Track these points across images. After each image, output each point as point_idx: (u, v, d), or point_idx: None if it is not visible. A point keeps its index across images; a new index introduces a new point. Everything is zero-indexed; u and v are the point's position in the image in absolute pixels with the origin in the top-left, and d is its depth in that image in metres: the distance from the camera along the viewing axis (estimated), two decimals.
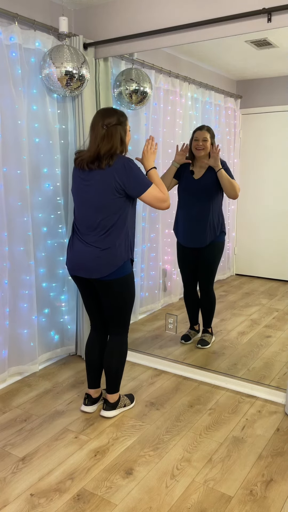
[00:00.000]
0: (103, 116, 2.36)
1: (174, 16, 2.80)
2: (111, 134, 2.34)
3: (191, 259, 3.38)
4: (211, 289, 3.37)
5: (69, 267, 2.51)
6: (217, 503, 2.00)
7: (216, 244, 3.27)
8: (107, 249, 2.39)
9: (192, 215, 3.26)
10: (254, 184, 3.62)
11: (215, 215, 3.22)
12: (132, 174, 2.33)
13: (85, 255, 2.42)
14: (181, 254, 3.41)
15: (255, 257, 3.78)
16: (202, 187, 3.17)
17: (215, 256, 3.30)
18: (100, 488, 2.09)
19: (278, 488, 2.09)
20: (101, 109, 2.42)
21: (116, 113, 2.38)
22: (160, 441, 2.43)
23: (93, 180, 2.35)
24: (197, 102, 3.53)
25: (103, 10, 3.09)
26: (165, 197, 2.41)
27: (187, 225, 3.31)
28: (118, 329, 2.60)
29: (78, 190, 2.43)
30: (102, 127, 2.34)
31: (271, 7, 2.45)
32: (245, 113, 3.52)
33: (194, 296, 3.47)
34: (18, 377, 3.12)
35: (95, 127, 2.37)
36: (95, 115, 2.40)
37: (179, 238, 3.38)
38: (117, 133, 2.36)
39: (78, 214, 2.45)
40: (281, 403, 2.78)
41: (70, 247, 2.51)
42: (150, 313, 3.93)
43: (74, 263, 2.47)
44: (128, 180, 2.33)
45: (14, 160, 2.83)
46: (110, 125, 2.34)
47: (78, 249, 2.45)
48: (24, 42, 2.82)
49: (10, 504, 2.00)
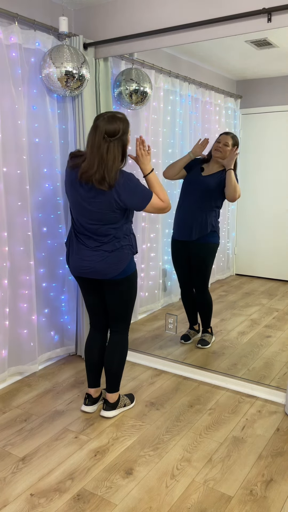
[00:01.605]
0: (106, 123, 2.24)
1: (174, 16, 2.80)
2: (114, 149, 2.25)
3: (181, 256, 3.39)
4: (206, 291, 3.37)
5: (75, 270, 2.49)
6: (217, 503, 2.00)
7: (206, 244, 3.27)
8: (114, 251, 2.40)
9: (188, 208, 3.28)
10: (254, 184, 3.62)
11: (209, 214, 3.23)
12: (133, 191, 2.30)
13: (93, 258, 2.41)
14: (173, 249, 3.43)
15: (255, 257, 3.78)
16: (206, 185, 3.18)
17: (206, 257, 3.30)
18: (100, 488, 2.09)
19: (278, 488, 2.09)
20: (105, 115, 2.27)
21: (120, 121, 2.26)
22: (160, 441, 2.43)
23: (98, 198, 2.31)
24: (197, 102, 3.53)
25: (103, 10, 3.09)
26: (165, 205, 2.40)
27: (181, 217, 3.34)
28: (120, 327, 2.60)
29: (76, 199, 2.37)
30: (105, 139, 2.23)
31: (271, 7, 2.45)
32: (245, 113, 3.52)
33: (190, 297, 3.48)
34: (18, 377, 3.12)
35: (96, 135, 2.25)
36: (98, 120, 2.27)
37: (173, 230, 3.41)
38: (120, 147, 2.27)
39: (79, 221, 2.42)
40: (281, 403, 2.78)
41: (73, 252, 2.48)
42: (150, 313, 3.93)
43: (81, 267, 2.45)
44: (130, 199, 2.31)
45: (14, 160, 2.83)
46: (114, 138, 2.24)
47: (84, 254, 2.43)
48: (24, 42, 2.82)
49: (10, 504, 2.00)
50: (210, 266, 3.34)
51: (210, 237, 3.27)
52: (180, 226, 3.35)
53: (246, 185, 3.63)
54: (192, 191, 3.27)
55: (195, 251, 3.31)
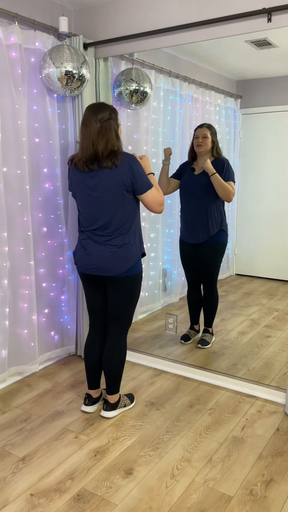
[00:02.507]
0: (95, 112, 2.32)
1: (174, 16, 2.80)
2: (106, 130, 2.31)
3: (190, 256, 3.39)
4: (214, 289, 3.38)
5: (82, 266, 2.49)
6: (217, 503, 2.00)
7: (214, 244, 3.28)
8: (123, 246, 2.41)
9: (191, 210, 3.29)
10: (254, 184, 3.62)
11: (212, 211, 3.23)
12: (138, 172, 2.34)
13: (102, 253, 2.41)
14: (181, 250, 3.44)
15: (255, 257, 3.78)
16: (202, 182, 3.19)
17: (214, 256, 3.30)
18: (100, 488, 2.09)
19: (278, 488, 2.09)
20: (92, 105, 2.37)
21: (107, 108, 2.35)
22: (160, 441, 2.43)
23: (100, 180, 2.34)
24: (197, 102, 3.53)
25: (103, 10, 3.09)
26: (163, 201, 2.45)
27: (187, 219, 3.35)
28: (120, 329, 2.59)
29: (82, 192, 2.40)
30: (96, 122, 2.30)
31: (271, 7, 2.45)
32: (245, 113, 3.52)
33: (197, 296, 3.48)
34: (18, 377, 3.12)
35: (87, 123, 2.32)
36: (87, 111, 2.35)
37: (181, 233, 3.42)
38: (112, 128, 2.33)
39: (87, 215, 2.43)
40: (281, 403, 2.78)
41: (82, 247, 2.48)
42: (150, 313, 3.93)
43: (89, 263, 2.45)
44: (135, 178, 2.34)
45: (14, 160, 2.83)
46: (104, 120, 2.31)
47: (93, 249, 2.43)
48: (24, 42, 2.82)
49: (10, 504, 2.00)
50: (219, 265, 3.35)
51: (218, 237, 3.28)
52: (187, 228, 3.36)
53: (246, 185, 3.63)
54: (190, 193, 3.27)
55: (203, 252, 3.32)
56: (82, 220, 2.47)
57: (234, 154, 3.61)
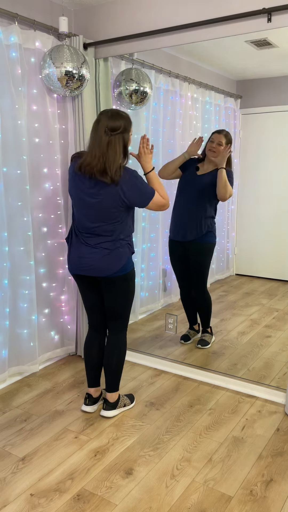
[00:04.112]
0: (109, 119, 2.27)
1: (174, 16, 2.80)
2: (115, 144, 2.27)
3: (178, 256, 3.39)
4: (205, 290, 3.37)
5: (74, 268, 2.49)
6: (217, 503, 2.00)
7: (203, 244, 3.27)
8: (114, 249, 2.41)
9: (184, 208, 3.28)
10: (254, 184, 3.62)
11: (204, 214, 3.23)
12: (137, 189, 2.33)
13: (93, 256, 2.42)
14: (171, 249, 3.43)
15: (255, 257, 3.78)
16: (201, 184, 3.18)
17: (202, 256, 3.30)
18: (100, 488, 2.09)
19: (278, 488, 2.09)
20: (108, 111, 2.31)
21: (123, 119, 2.30)
22: (160, 441, 2.43)
23: (101, 192, 2.32)
24: (197, 102, 3.53)
25: (103, 10, 3.08)
26: (165, 202, 2.44)
27: (177, 216, 3.34)
28: (118, 327, 2.60)
29: (81, 196, 2.39)
30: (106, 132, 2.26)
31: (271, 7, 2.45)
32: (245, 113, 3.52)
33: (190, 297, 3.47)
34: (18, 377, 3.12)
35: (98, 129, 2.28)
36: (102, 115, 2.30)
37: (170, 230, 3.41)
38: (121, 142, 2.30)
39: (80, 218, 2.43)
40: (281, 403, 2.78)
41: (73, 249, 2.49)
42: (150, 313, 3.93)
43: (81, 265, 2.45)
44: (134, 196, 2.33)
45: (14, 160, 2.83)
46: (115, 133, 2.27)
47: (84, 251, 2.44)
48: (24, 42, 2.82)
49: (10, 504, 2.00)
50: (208, 266, 3.34)
51: (206, 237, 3.27)
52: (175, 226, 3.36)
53: (246, 185, 3.64)
54: (188, 191, 3.27)
55: (191, 251, 3.31)
56: (76, 224, 2.47)
57: (234, 154, 3.61)
